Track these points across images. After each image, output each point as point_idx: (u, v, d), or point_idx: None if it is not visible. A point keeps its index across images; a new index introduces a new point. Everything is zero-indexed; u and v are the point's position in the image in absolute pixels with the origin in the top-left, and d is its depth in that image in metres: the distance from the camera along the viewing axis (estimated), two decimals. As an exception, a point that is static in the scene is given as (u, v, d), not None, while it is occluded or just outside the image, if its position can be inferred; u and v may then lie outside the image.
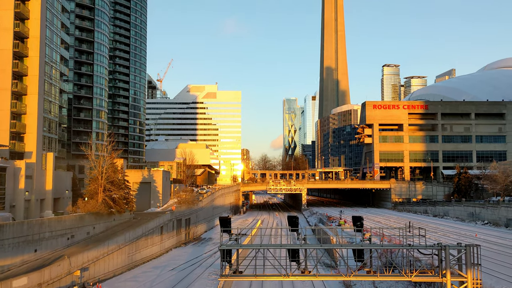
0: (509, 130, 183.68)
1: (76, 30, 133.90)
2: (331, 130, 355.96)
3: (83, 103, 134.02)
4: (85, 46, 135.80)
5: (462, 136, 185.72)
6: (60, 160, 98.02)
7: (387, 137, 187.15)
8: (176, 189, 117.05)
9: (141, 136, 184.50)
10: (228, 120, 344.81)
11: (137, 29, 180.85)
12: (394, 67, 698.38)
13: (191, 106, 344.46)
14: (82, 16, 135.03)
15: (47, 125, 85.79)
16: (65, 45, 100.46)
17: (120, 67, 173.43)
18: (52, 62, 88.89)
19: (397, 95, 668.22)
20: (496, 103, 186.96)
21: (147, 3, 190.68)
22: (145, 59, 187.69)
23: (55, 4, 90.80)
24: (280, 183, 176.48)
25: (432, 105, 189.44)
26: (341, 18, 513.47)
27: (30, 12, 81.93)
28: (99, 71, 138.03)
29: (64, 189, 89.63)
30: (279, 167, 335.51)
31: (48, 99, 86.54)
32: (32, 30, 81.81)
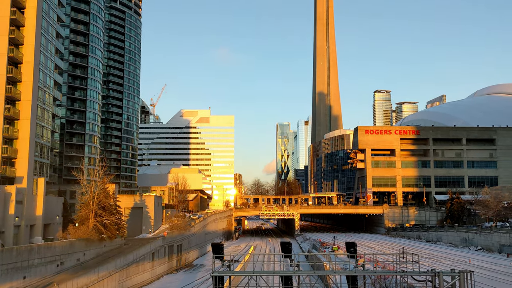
0: (500, 155, 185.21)
1: (70, 55, 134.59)
2: (324, 155, 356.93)
3: (76, 128, 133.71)
4: (79, 71, 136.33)
5: (454, 161, 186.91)
6: (51, 185, 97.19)
7: (379, 162, 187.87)
8: (168, 215, 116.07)
9: (134, 161, 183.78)
10: (221, 145, 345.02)
11: (131, 55, 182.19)
12: (386, 93, 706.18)
13: (184, 130, 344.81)
14: (77, 42, 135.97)
15: (39, 150, 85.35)
16: (58, 70, 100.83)
17: (113, 92, 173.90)
18: (45, 87, 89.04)
19: (389, 120, 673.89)
20: (486, 128, 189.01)
21: (141, 30, 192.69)
22: (138, 84, 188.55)
23: (50, 30, 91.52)
24: (273, 208, 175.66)
25: (424, 130, 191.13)
26: (332, 45, 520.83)
27: (25, 38, 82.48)
28: (93, 96, 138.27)
29: (54, 214, 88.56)
30: (272, 192, 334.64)
31: (41, 124, 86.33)
32: (26, 55, 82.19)
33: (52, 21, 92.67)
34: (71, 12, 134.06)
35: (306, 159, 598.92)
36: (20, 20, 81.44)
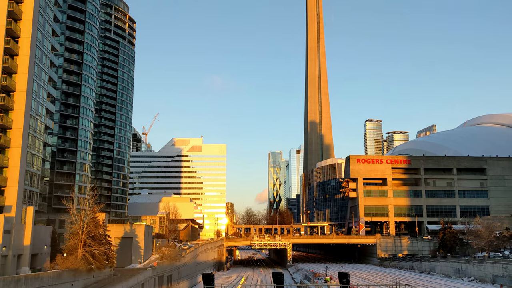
0: (490, 185, 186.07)
1: (63, 84, 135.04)
2: (316, 184, 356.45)
3: (67, 156, 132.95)
4: (72, 100, 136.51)
5: (445, 191, 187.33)
6: (40, 214, 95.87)
7: (371, 191, 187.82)
8: (158, 244, 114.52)
9: (124, 190, 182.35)
10: (213, 173, 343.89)
11: (124, 83, 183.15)
12: (377, 122, 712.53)
13: (176, 159, 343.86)
14: (70, 70, 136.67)
15: (29, 178, 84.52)
16: (51, 98, 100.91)
17: (105, 120, 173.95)
18: (37, 116, 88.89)
19: (380, 149, 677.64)
20: (477, 158, 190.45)
21: (134, 59, 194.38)
22: (131, 112, 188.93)
23: (44, 59, 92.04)
24: (265, 238, 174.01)
25: (415, 159, 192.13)
26: (324, 75, 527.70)
27: (18, 66, 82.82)
28: (85, 124, 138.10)
29: (42, 244, 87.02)
30: (264, 221, 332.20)
31: (32, 152, 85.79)
32: (19, 84, 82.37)
33: (46, 50, 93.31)
34: (65, 42, 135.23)
35: (298, 188, 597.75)
36: (14, 49, 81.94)
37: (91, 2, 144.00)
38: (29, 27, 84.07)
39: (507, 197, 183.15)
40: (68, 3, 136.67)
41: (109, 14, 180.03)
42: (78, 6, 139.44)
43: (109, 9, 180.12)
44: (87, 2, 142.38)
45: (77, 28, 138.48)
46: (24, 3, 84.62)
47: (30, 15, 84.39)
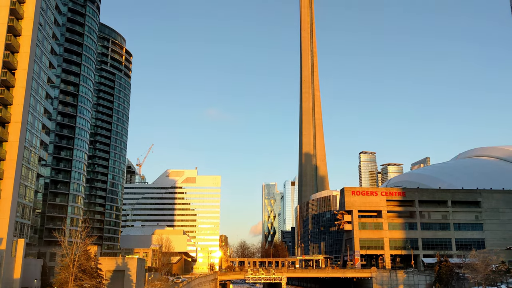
0: (485, 218, 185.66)
1: (59, 115, 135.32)
2: (311, 216, 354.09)
3: (60, 188, 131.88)
4: (66, 131, 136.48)
5: (440, 223, 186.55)
6: (31, 246, 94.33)
7: (366, 223, 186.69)
8: (150, 278, 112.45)
9: (117, 222, 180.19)
10: (207, 205, 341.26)
11: (119, 115, 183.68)
12: (371, 154, 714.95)
13: (170, 191, 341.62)
14: (66, 102, 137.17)
15: (20, 210, 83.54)
16: (46, 130, 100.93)
17: (100, 151, 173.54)
18: (31, 147, 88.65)
19: (375, 181, 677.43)
20: (471, 191, 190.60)
21: (130, 91, 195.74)
22: (125, 144, 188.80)
23: (39, 91, 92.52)
24: (259, 271, 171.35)
25: (409, 192, 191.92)
26: (318, 107, 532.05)
27: (14, 98, 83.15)
28: (79, 156, 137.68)
29: (32, 278, 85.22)
30: (258, 254, 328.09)
31: (24, 183, 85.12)
32: (14, 115, 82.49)
33: (42, 82, 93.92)
34: (61, 74, 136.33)
35: (293, 220, 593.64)
36: (10, 81, 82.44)
37: (88, 36, 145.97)
38: (26, 60, 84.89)
39: (502, 230, 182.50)
40: (65, 36, 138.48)
41: (106, 47, 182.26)
42: (75, 39, 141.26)
43: (106, 42, 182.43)
44: (84, 35, 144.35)
45: (74, 60, 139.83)
46: (22, 36, 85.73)
47: (28, 48, 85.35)
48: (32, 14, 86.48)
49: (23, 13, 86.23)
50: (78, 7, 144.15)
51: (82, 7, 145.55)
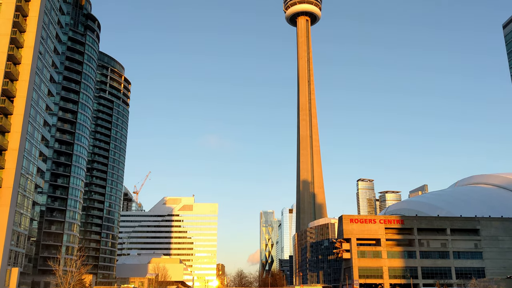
0: (485, 246, 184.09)
1: (56, 142, 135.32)
2: (309, 244, 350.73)
3: (56, 216, 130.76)
4: (63, 159, 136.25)
5: (440, 252, 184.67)
6: (25, 276, 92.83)
7: (365, 252, 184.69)
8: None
9: (113, 250, 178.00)
10: (204, 233, 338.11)
11: (116, 142, 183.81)
12: (369, 182, 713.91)
13: (167, 218, 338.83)
14: (63, 129, 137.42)
15: (15, 238, 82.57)
16: (43, 157, 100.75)
17: (97, 179, 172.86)
18: (28, 174, 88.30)
19: (373, 209, 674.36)
20: (470, 218, 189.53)
21: (128, 118, 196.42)
22: (122, 171, 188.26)
23: (38, 118, 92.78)
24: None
25: (408, 220, 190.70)
26: (315, 135, 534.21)
27: (12, 125, 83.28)
28: (75, 183, 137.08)
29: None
30: (256, 283, 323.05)
31: (20, 211, 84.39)
32: (12, 142, 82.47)
33: (41, 110, 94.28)
34: (60, 101, 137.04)
35: (291, 248, 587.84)
36: (8, 109, 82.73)
37: (87, 64, 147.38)
38: (25, 88, 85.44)
39: (502, 259, 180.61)
40: (65, 65, 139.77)
41: (105, 75, 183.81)
42: (74, 67, 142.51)
43: (105, 70, 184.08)
44: (84, 64, 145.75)
45: (72, 88, 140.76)
46: (22, 64, 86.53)
47: (27, 76, 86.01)
48: (33, 43, 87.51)
49: (23, 42, 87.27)
50: (78, 36, 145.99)
51: (82, 36, 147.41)
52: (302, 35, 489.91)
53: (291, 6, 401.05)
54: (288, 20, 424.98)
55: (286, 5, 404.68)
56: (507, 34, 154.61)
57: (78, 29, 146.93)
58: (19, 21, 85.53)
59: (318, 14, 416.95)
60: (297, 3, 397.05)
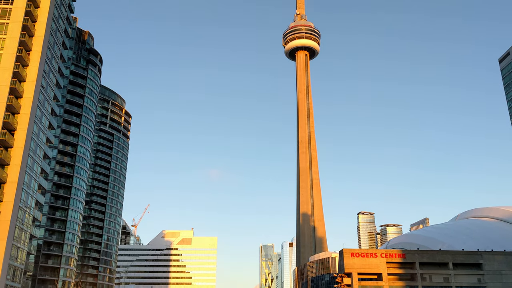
0: (488, 281, 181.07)
1: (55, 175, 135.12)
2: (309, 279, 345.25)
3: (53, 249, 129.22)
4: (62, 192, 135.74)
5: (442, 286, 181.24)
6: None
7: (367, 286, 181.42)
8: None
9: (110, 285, 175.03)
10: (203, 267, 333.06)
11: (116, 175, 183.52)
12: (369, 215, 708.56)
13: (165, 252, 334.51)
14: (63, 162, 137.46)
15: (11, 273, 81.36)
16: (42, 190, 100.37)
17: (95, 212, 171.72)
18: (26, 207, 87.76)
19: (374, 242, 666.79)
20: (472, 253, 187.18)
21: (128, 151, 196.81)
22: (121, 204, 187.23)
23: (38, 151, 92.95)
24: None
25: (410, 254, 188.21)
26: (315, 167, 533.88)
27: (12, 158, 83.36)
28: (74, 216, 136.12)
29: None
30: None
31: (17, 245, 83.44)
32: (11, 175, 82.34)
33: (41, 143, 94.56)
34: (60, 134, 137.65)
35: (291, 283, 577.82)
36: (9, 142, 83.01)
37: (88, 97, 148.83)
38: (26, 121, 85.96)
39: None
40: (66, 98, 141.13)
41: (106, 108, 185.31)
42: (76, 100, 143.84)
43: (106, 103, 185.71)
44: (85, 97, 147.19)
45: (73, 121, 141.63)
46: (24, 98, 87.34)
47: (29, 109, 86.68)
48: (35, 77, 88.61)
49: (26, 75, 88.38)
50: (80, 70, 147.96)
51: (84, 70, 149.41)
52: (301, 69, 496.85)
53: (290, 41, 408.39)
54: (287, 55, 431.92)
55: (285, 40, 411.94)
56: (503, 68, 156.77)
57: (80, 63, 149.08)
58: (22, 55, 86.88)
59: (316, 49, 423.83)
60: (296, 38, 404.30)
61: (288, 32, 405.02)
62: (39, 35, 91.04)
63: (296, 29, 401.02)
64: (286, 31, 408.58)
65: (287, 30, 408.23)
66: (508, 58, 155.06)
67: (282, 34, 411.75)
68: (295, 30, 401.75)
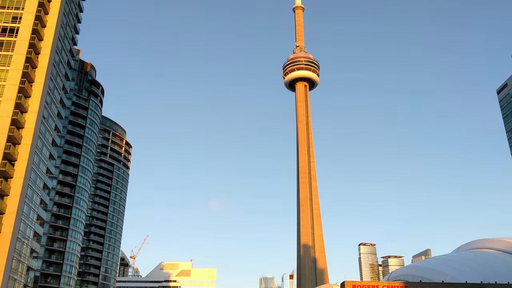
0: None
1: (55, 206, 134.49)
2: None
3: (50, 281, 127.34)
4: (61, 222, 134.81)
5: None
6: None
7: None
8: None
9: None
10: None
11: (115, 206, 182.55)
12: (371, 246, 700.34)
13: (164, 284, 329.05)
14: (63, 193, 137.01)
15: (7, 306, 79.98)
16: (40, 221, 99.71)
17: (93, 243, 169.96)
18: (24, 238, 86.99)
19: (376, 274, 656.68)
20: (475, 285, 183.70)
21: (128, 181, 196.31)
22: (120, 235, 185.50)
23: (38, 182, 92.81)
24: None
25: (412, 286, 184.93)
26: (315, 197, 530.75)
27: (11, 188, 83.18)
28: (72, 247, 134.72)
29: None
30: None
31: (14, 277, 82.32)
32: (10, 206, 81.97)
33: (41, 173, 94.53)
34: (60, 165, 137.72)
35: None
36: (9, 172, 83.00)
37: (89, 128, 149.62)
38: (26, 151, 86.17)
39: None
40: (67, 129, 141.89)
41: (107, 138, 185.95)
42: (77, 131, 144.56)
43: (106, 133, 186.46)
44: (86, 128, 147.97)
45: (74, 152, 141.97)
46: (25, 129, 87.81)
47: (30, 140, 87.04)
48: (37, 108, 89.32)
49: (28, 107, 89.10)
50: (82, 101, 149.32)
51: (86, 101, 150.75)
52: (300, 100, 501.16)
53: (290, 72, 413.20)
54: (287, 86, 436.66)
55: (285, 72, 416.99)
56: (502, 99, 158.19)
57: (82, 94, 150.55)
58: (25, 87, 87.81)
59: (316, 80, 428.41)
60: (295, 70, 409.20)
61: (288, 64, 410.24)
62: (42, 67, 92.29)
63: (295, 60, 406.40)
64: (286, 63, 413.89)
65: (286, 62, 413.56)
66: (506, 89, 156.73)
67: (282, 65, 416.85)
68: (295, 61, 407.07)
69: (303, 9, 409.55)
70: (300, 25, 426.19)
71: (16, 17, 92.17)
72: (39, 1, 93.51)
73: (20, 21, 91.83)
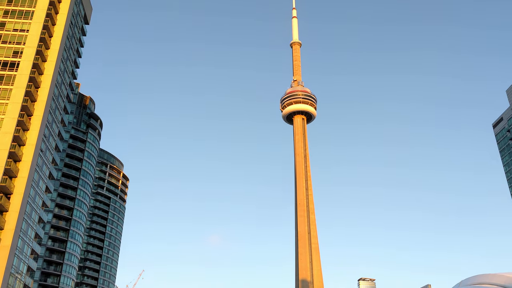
0: None
1: (49, 240, 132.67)
2: None
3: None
4: (55, 257, 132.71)
5: None
6: None
7: None
8: None
9: None
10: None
11: (111, 240, 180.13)
12: (370, 281, 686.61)
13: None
14: (58, 226, 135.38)
15: None
16: (34, 255, 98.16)
17: (88, 278, 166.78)
18: (17, 273, 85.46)
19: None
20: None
21: (124, 215, 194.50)
22: (115, 270, 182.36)
23: (33, 216, 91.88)
24: None
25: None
26: (314, 231, 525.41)
27: (6, 222, 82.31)
28: (66, 282, 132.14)
29: None
30: None
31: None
32: (4, 240, 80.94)
33: (37, 207, 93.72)
34: (57, 198, 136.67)
35: None
36: (4, 206, 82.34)
37: (87, 161, 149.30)
38: (23, 185, 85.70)
39: None
40: (65, 161, 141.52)
41: (104, 171, 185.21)
42: (74, 164, 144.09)
43: (104, 166, 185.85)
44: (84, 161, 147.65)
45: (70, 185, 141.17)
46: (22, 162, 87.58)
47: (26, 173, 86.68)
48: (35, 141, 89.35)
49: (26, 139, 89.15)
50: (80, 134, 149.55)
51: (84, 134, 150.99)
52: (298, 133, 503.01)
53: (288, 106, 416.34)
54: (284, 119, 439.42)
55: (282, 105, 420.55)
56: (498, 133, 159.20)
57: (80, 127, 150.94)
58: (23, 120, 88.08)
59: (313, 113, 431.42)
60: (293, 103, 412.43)
61: (286, 97, 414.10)
62: (42, 100, 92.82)
63: (293, 94, 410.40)
64: (284, 96, 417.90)
65: (284, 95, 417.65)
66: (502, 123, 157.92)
67: (280, 99, 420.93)
68: (292, 95, 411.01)
69: (300, 45, 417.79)
70: (298, 59, 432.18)
71: (17, 51, 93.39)
72: (40, 36, 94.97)
73: (21, 55, 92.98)
